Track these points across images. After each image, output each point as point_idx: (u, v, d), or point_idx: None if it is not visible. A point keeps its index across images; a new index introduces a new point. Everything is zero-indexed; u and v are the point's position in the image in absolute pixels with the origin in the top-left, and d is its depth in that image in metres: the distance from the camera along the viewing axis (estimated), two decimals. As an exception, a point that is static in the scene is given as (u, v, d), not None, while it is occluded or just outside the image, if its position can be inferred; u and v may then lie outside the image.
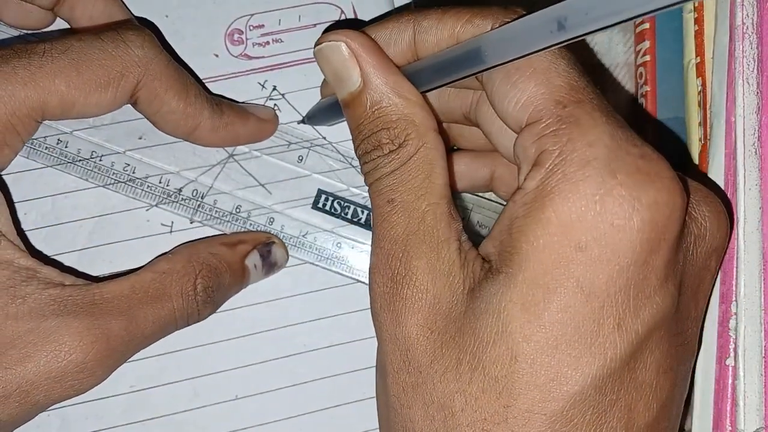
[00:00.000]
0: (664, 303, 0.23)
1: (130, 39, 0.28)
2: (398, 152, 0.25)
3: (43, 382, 0.25)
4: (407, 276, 0.24)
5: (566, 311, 0.22)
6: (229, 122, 0.30)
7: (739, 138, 0.29)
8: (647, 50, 0.35)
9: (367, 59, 0.25)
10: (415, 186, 0.25)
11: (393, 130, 0.25)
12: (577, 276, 0.22)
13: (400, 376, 0.24)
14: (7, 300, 0.25)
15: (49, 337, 0.25)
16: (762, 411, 0.27)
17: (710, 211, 0.25)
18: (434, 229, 0.24)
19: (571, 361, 0.22)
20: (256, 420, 0.32)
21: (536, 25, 0.22)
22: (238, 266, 0.30)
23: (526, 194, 0.23)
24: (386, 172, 0.25)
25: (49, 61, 0.26)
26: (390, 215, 0.25)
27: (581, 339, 0.22)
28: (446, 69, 0.25)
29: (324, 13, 0.33)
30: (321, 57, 0.26)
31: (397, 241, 0.25)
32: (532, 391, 0.22)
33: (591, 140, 0.22)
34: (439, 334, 0.24)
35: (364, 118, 0.26)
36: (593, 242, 0.22)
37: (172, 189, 0.32)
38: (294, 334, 0.32)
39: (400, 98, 0.25)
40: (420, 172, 0.25)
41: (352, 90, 0.26)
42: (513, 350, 0.22)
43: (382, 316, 0.25)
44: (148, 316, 0.27)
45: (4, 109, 0.26)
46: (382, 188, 0.25)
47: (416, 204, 0.25)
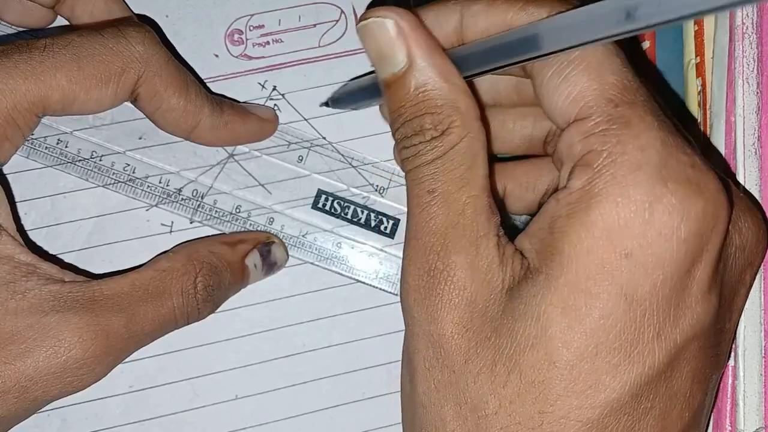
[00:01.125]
0: (705, 314, 0.23)
1: (131, 35, 0.28)
2: (441, 140, 0.24)
3: (42, 378, 0.25)
4: (445, 271, 0.23)
5: (608, 318, 0.22)
6: (229, 121, 0.30)
7: (738, 138, 0.29)
8: (647, 50, 0.35)
9: (415, 39, 0.24)
10: (457, 177, 0.24)
11: (437, 115, 0.24)
12: (622, 283, 0.22)
13: (432, 373, 0.24)
14: (7, 295, 0.25)
15: (48, 332, 0.25)
16: (762, 411, 0.27)
17: (753, 223, 0.25)
18: (474, 222, 0.24)
19: (610, 368, 0.22)
20: (255, 420, 0.32)
21: (603, 13, 0.20)
22: (239, 265, 0.30)
23: (570, 193, 0.22)
24: (428, 159, 0.24)
25: (50, 56, 0.26)
26: (430, 206, 0.24)
27: (621, 346, 0.22)
28: (497, 54, 0.24)
29: (324, 13, 0.33)
30: (366, 33, 0.25)
31: (436, 233, 0.24)
32: (569, 398, 0.22)
33: (642, 144, 0.22)
34: (474, 332, 0.23)
35: (406, 100, 0.24)
36: (639, 250, 0.21)
37: (172, 189, 0.32)
38: (293, 334, 0.32)
39: (446, 83, 0.24)
40: (463, 162, 0.24)
41: (396, 70, 0.24)
42: (551, 355, 0.22)
43: (416, 311, 0.24)
44: (148, 313, 0.27)
45: (5, 103, 0.26)
46: (422, 177, 0.24)
47: (457, 195, 0.24)
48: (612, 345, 0.22)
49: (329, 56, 0.33)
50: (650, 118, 0.22)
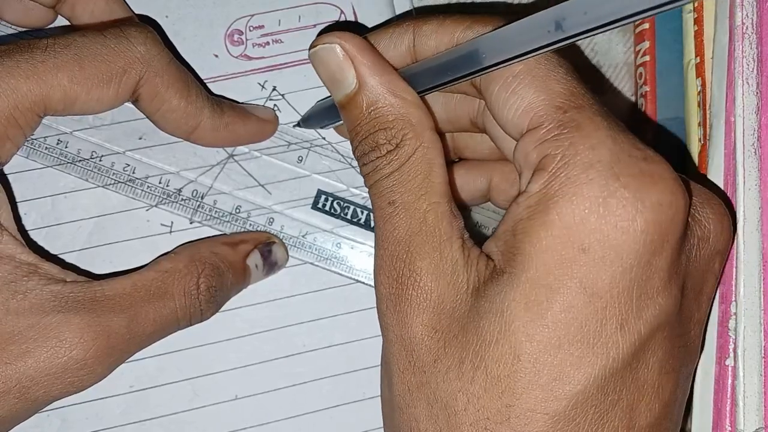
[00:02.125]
0: (667, 304, 0.23)
1: (133, 35, 0.28)
2: (396, 153, 0.25)
3: (43, 378, 0.25)
4: (411, 277, 0.24)
5: (569, 311, 0.22)
6: (229, 122, 0.30)
7: (738, 138, 0.29)
8: (647, 50, 0.35)
9: (362, 60, 0.26)
10: (415, 186, 0.25)
11: (390, 130, 0.25)
12: (580, 276, 0.22)
13: (405, 376, 0.24)
14: (8, 295, 0.25)
15: (49, 333, 0.25)
16: (762, 411, 0.27)
17: (713, 213, 0.25)
18: (436, 228, 0.24)
19: (574, 360, 0.22)
20: (255, 420, 0.32)
21: (534, 25, 0.22)
22: (240, 266, 0.30)
23: (529, 197, 0.23)
24: (385, 173, 0.25)
25: (52, 56, 0.26)
26: (392, 216, 0.25)
27: (584, 339, 0.22)
28: (444, 70, 0.25)
29: (324, 13, 0.33)
30: (316, 59, 0.26)
31: (400, 242, 0.25)
32: (534, 391, 0.22)
33: (593, 143, 0.22)
34: (443, 333, 0.24)
35: (360, 119, 0.26)
36: (597, 244, 0.22)
37: (172, 189, 0.32)
38: (293, 334, 0.32)
39: (396, 98, 0.25)
40: (419, 171, 0.25)
41: (348, 92, 0.26)
42: (516, 349, 0.23)
43: (388, 317, 0.25)
44: (150, 314, 0.27)
45: (7, 102, 0.26)
46: (382, 190, 0.25)
47: (417, 204, 0.25)
48: (575, 337, 0.22)
49: (329, 56, 0.33)
50: (599, 119, 0.23)
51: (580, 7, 0.20)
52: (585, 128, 0.23)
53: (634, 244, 0.22)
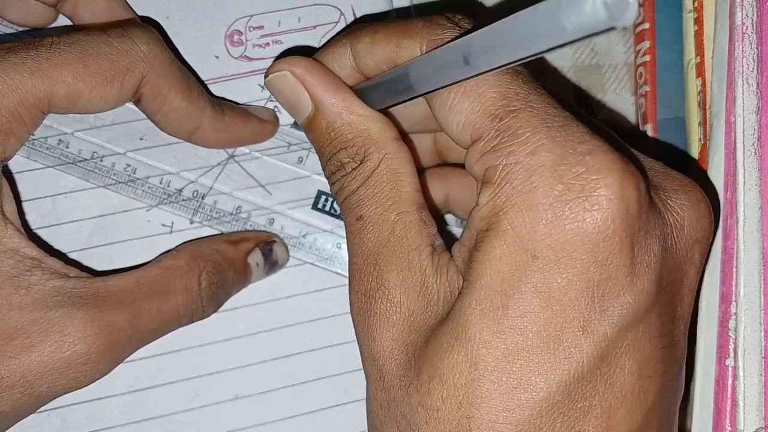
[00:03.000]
0: (636, 301, 0.22)
1: (136, 35, 0.28)
2: (360, 168, 0.25)
3: (47, 373, 0.25)
4: (380, 290, 0.24)
5: (526, 316, 0.22)
6: (230, 123, 0.30)
7: (738, 138, 0.29)
8: (647, 50, 0.35)
9: (314, 83, 0.26)
10: (383, 198, 0.25)
11: (351, 148, 0.25)
12: (534, 282, 0.22)
13: (377, 393, 0.24)
14: (11, 290, 0.25)
15: (53, 327, 0.25)
16: (762, 411, 0.27)
17: (688, 199, 0.24)
18: (404, 238, 0.24)
19: (535, 366, 0.22)
20: (255, 420, 0.32)
21: (447, 60, 0.21)
22: (241, 264, 0.30)
23: (481, 209, 0.23)
24: (352, 189, 0.25)
25: (56, 53, 0.26)
26: (360, 231, 0.25)
27: (544, 344, 0.22)
28: (385, 92, 0.25)
29: (323, 14, 0.33)
30: (271, 89, 0.27)
31: (368, 255, 0.24)
32: (494, 400, 0.22)
33: (532, 149, 0.22)
34: (411, 346, 0.23)
35: (323, 141, 0.26)
36: (548, 249, 0.21)
37: (173, 190, 0.32)
38: (293, 334, 0.32)
39: (352, 115, 0.25)
40: (385, 183, 0.25)
41: (306, 115, 0.26)
42: (472, 356, 0.22)
43: (359, 334, 0.25)
44: (152, 310, 0.27)
45: (12, 98, 0.26)
46: (350, 206, 0.25)
47: (385, 216, 0.25)
48: (534, 343, 0.22)
49: (329, 58, 0.33)
50: (536, 120, 0.22)
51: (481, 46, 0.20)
52: (522, 133, 0.22)
53: (586, 244, 0.21)
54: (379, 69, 0.26)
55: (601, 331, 0.22)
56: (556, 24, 0.17)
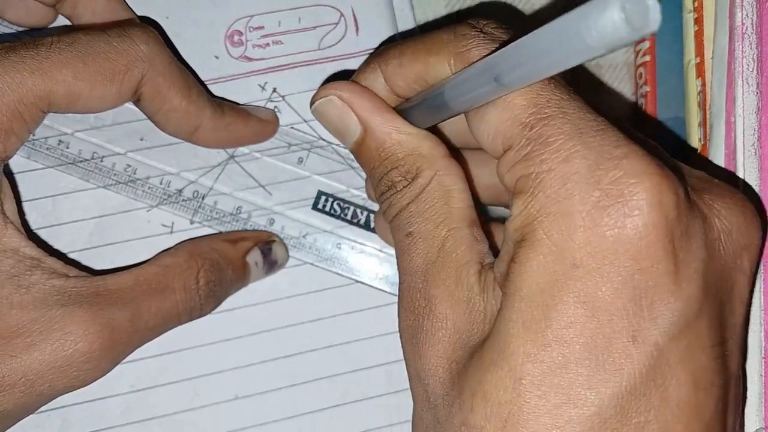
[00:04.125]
0: (685, 307, 0.21)
1: (136, 35, 0.28)
2: (411, 186, 0.25)
3: (48, 372, 0.25)
4: (427, 307, 0.23)
5: (571, 327, 0.21)
6: (230, 122, 0.30)
7: (738, 138, 0.29)
8: (647, 50, 0.35)
9: (362, 105, 0.26)
10: (434, 214, 0.24)
11: (402, 167, 0.25)
12: (576, 291, 0.21)
13: (423, 414, 0.23)
14: (12, 289, 0.25)
15: (53, 326, 0.25)
16: (762, 411, 0.27)
17: (734, 204, 0.23)
18: (453, 254, 0.24)
19: (583, 380, 0.20)
20: (255, 420, 0.32)
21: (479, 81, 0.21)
22: (240, 263, 0.30)
23: (514, 220, 0.22)
24: (402, 205, 0.25)
25: (56, 52, 0.26)
26: (409, 248, 0.24)
27: (592, 356, 0.20)
28: (427, 112, 0.25)
29: (323, 15, 0.33)
30: (318, 114, 0.27)
31: (417, 272, 0.24)
32: (542, 417, 0.21)
33: (565, 156, 0.21)
34: (455, 364, 0.23)
35: (373, 162, 0.26)
36: (588, 257, 0.21)
37: (173, 190, 0.32)
38: (294, 334, 0.32)
39: (402, 135, 0.25)
40: (436, 199, 0.24)
41: (355, 139, 0.26)
42: (516, 371, 0.21)
43: (406, 351, 0.24)
44: (152, 308, 0.27)
45: (12, 96, 0.26)
46: (400, 223, 0.25)
47: (435, 232, 0.24)
48: (581, 355, 0.21)
49: (329, 59, 0.33)
50: (568, 127, 0.22)
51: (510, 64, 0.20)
52: (554, 141, 0.21)
53: (628, 250, 0.20)
54: (411, 89, 0.26)
55: (651, 339, 0.21)
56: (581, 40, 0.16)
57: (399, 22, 0.33)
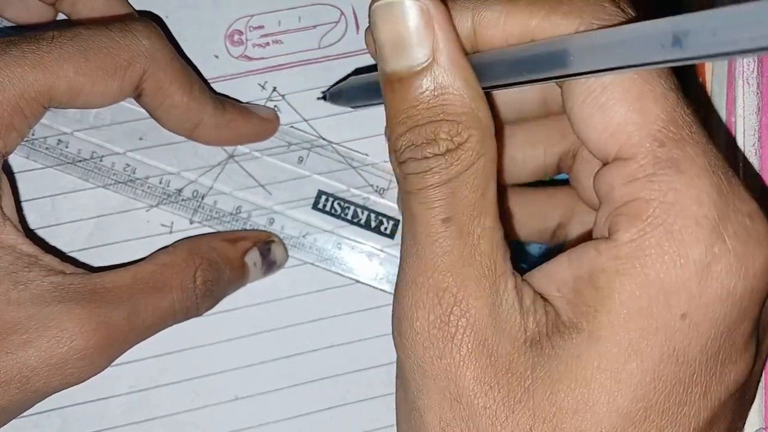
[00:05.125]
0: (747, 366, 0.22)
1: (137, 29, 0.28)
2: (457, 155, 0.21)
3: (44, 369, 0.25)
4: (464, 318, 0.21)
5: (660, 380, 0.20)
6: (231, 120, 0.30)
7: (739, 138, 0.29)
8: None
9: (444, 34, 0.21)
10: (471, 203, 0.21)
11: (456, 124, 0.21)
12: (675, 344, 0.20)
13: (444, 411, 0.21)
14: (9, 286, 0.25)
15: (50, 323, 0.25)
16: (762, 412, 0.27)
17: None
18: (491, 260, 0.21)
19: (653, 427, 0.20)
20: (255, 420, 0.32)
21: (646, 35, 0.18)
22: (238, 262, 0.30)
23: (617, 246, 0.20)
24: (441, 180, 0.21)
25: (57, 47, 0.26)
26: (444, 238, 0.21)
27: (669, 408, 0.20)
28: (518, 69, 0.21)
29: (324, 14, 0.33)
30: (385, 14, 0.21)
31: (451, 272, 0.21)
32: None
33: (697, 194, 0.20)
34: (501, 392, 0.21)
35: (420, 101, 0.21)
36: (695, 311, 0.20)
37: (173, 189, 0.32)
38: (294, 334, 0.32)
39: (469, 89, 0.21)
40: (478, 186, 0.21)
41: (414, 64, 0.21)
42: (600, 423, 0.20)
43: (427, 363, 0.21)
44: (149, 306, 0.27)
45: (13, 91, 0.26)
46: (433, 201, 0.21)
47: (470, 227, 0.21)
48: (661, 408, 0.20)
49: (329, 57, 0.33)
50: (702, 161, 0.20)
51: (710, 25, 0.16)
52: (687, 171, 0.20)
53: (730, 312, 0.20)
54: (505, 43, 0.22)
55: (717, 396, 0.21)
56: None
57: (399, 22, 0.33)
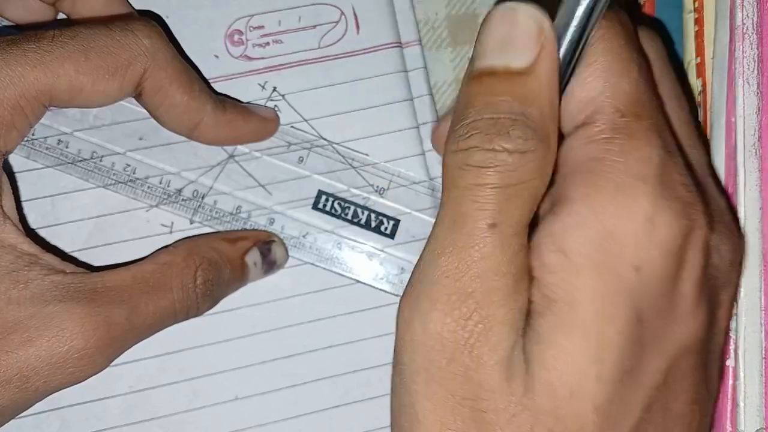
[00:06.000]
0: (697, 327, 0.23)
1: (138, 29, 0.28)
2: (524, 159, 0.20)
3: (44, 368, 0.25)
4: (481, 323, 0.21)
5: (629, 342, 0.21)
6: (231, 119, 0.30)
7: (739, 138, 0.29)
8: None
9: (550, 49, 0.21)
10: (518, 217, 0.21)
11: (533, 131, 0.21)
12: (635, 303, 0.21)
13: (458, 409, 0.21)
14: (9, 285, 0.25)
15: (50, 322, 0.25)
16: (762, 412, 0.27)
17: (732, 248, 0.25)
18: (519, 277, 0.21)
19: (630, 393, 0.21)
20: (255, 420, 0.32)
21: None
22: (238, 262, 0.30)
23: (573, 201, 0.22)
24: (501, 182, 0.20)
25: (58, 46, 0.26)
26: (486, 244, 0.21)
27: (636, 369, 0.21)
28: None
29: (324, 14, 0.33)
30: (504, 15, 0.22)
31: (482, 278, 0.21)
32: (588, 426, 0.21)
33: (644, 156, 0.21)
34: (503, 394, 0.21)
35: (506, 96, 0.21)
36: (646, 263, 0.21)
37: (173, 189, 0.32)
38: (294, 334, 0.32)
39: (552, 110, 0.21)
40: (528, 204, 0.21)
41: (513, 65, 0.21)
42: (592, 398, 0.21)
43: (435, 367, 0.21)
44: (149, 306, 0.27)
45: (14, 90, 0.26)
46: (486, 202, 0.21)
47: (512, 240, 0.21)
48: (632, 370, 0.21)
49: (329, 57, 0.33)
50: (653, 135, 0.22)
51: None
52: (639, 139, 0.22)
53: (672, 265, 0.22)
54: None
55: (667, 353, 0.22)
56: None
57: (399, 21, 0.33)
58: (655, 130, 0.22)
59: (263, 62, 0.33)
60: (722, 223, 0.25)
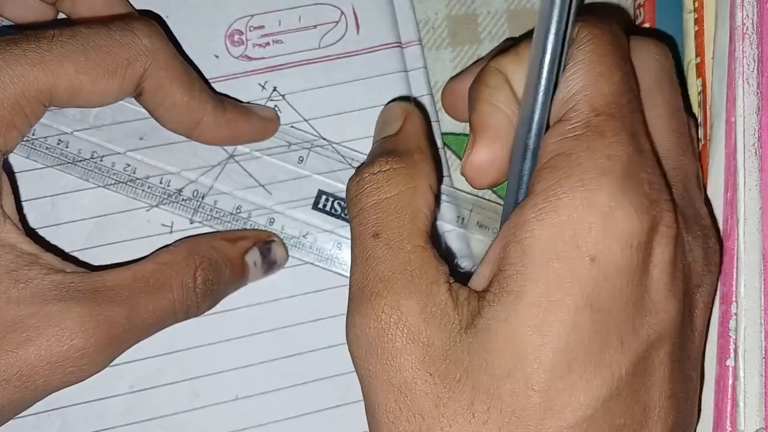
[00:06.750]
0: (667, 320, 0.23)
1: (138, 28, 0.28)
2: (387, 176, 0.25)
3: (44, 367, 0.25)
4: (395, 315, 0.23)
5: (578, 330, 0.22)
6: (231, 119, 0.30)
7: (739, 138, 0.29)
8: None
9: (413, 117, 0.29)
10: (399, 225, 0.24)
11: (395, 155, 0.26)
12: (587, 291, 0.22)
13: (398, 424, 0.23)
14: (9, 284, 0.25)
15: (50, 321, 0.25)
16: (762, 412, 0.27)
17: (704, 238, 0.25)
18: (421, 270, 0.24)
19: (583, 383, 0.22)
20: (256, 420, 0.32)
21: None
22: (238, 262, 0.30)
23: (536, 195, 0.23)
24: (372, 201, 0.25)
25: (58, 46, 0.26)
26: (375, 250, 0.24)
27: (590, 359, 0.22)
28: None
29: (324, 14, 0.33)
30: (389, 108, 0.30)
31: (383, 279, 0.24)
32: (548, 420, 0.22)
33: (610, 154, 0.22)
34: (440, 377, 0.22)
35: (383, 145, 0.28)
36: (602, 255, 0.22)
37: (173, 189, 0.32)
38: (294, 334, 0.32)
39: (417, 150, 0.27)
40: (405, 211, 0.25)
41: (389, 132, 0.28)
42: (529, 379, 0.22)
43: (369, 363, 0.23)
44: (149, 305, 0.27)
45: (13, 90, 0.26)
46: (366, 221, 0.25)
47: (401, 244, 0.24)
48: (583, 358, 0.22)
49: (329, 57, 0.33)
50: (623, 135, 0.23)
51: None
52: (608, 138, 0.23)
53: (630, 260, 0.22)
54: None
55: (634, 346, 0.22)
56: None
57: (399, 21, 0.33)
58: (627, 129, 0.23)
59: (263, 62, 0.33)
60: (698, 225, 0.26)
